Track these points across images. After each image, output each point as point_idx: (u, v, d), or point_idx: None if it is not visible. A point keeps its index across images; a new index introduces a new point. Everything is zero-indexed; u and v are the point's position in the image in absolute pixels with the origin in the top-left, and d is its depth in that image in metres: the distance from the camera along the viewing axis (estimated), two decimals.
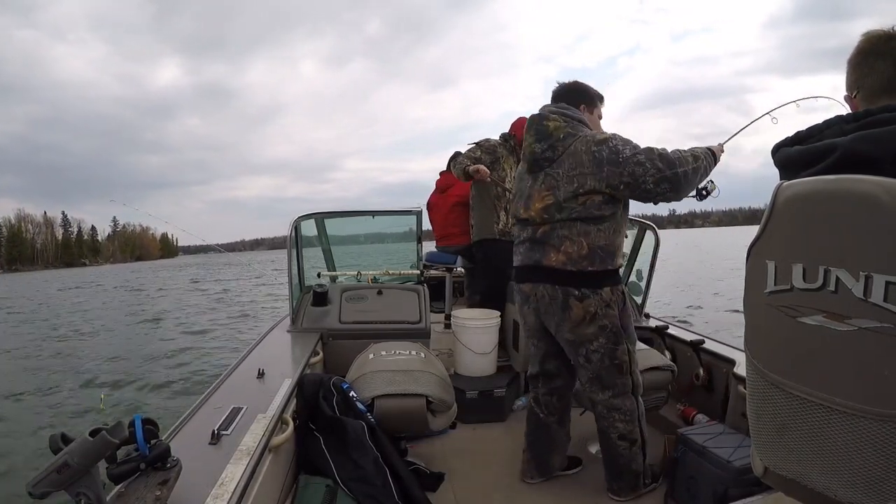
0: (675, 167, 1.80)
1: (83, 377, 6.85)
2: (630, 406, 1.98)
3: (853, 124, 0.88)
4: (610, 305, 1.89)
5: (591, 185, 1.83)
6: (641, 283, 3.36)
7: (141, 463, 1.15)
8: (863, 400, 0.80)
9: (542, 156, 1.93)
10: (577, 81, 2.07)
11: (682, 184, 1.84)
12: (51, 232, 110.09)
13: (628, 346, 1.95)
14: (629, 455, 2.00)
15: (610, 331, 1.90)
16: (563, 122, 1.92)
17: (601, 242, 1.86)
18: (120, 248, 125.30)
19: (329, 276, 3.61)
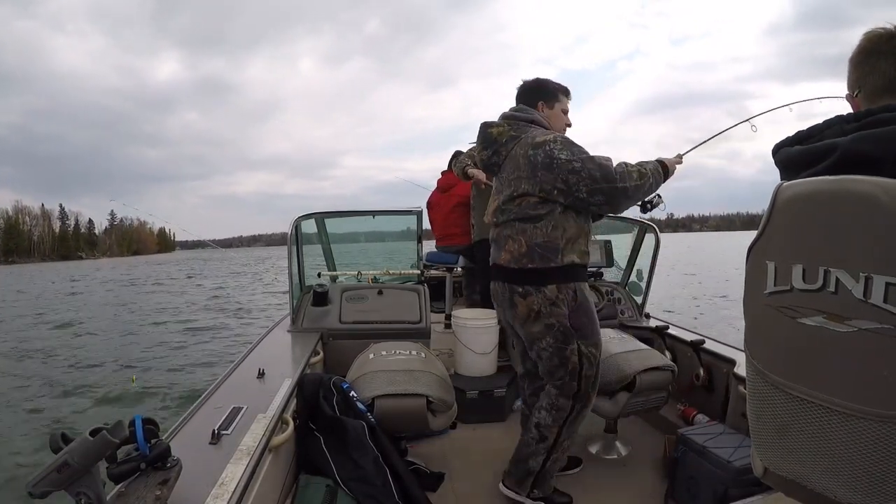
0: (612, 181, 1.78)
1: (82, 376, 6.85)
2: (563, 405, 1.93)
3: (854, 124, 0.88)
4: (556, 304, 1.86)
5: (524, 189, 1.86)
6: (642, 284, 3.37)
7: (141, 462, 1.15)
8: (863, 401, 0.80)
9: (490, 161, 2.00)
10: (537, 79, 2.07)
11: (619, 199, 1.82)
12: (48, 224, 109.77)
13: (581, 347, 1.89)
14: (533, 448, 1.96)
15: (557, 329, 1.88)
16: (508, 126, 1.96)
17: (539, 240, 1.85)
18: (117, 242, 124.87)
19: (329, 275, 3.61)
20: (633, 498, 2.08)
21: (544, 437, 1.95)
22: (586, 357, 1.91)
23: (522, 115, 1.99)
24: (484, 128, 2.01)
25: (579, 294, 1.88)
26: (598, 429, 2.51)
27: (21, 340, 9.85)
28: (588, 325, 1.91)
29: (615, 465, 2.36)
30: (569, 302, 1.86)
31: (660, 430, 2.57)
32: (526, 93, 2.06)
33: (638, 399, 2.24)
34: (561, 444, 1.97)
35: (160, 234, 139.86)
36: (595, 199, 1.81)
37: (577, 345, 1.89)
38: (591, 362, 1.92)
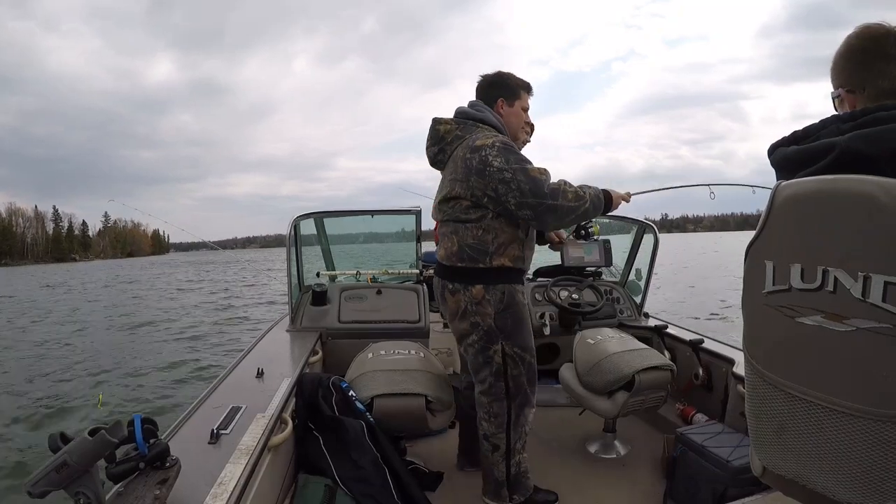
0: (542, 197, 1.76)
1: (81, 376, 6.85)
2: (498, 410, 1.93)
3: (849, 123, 0.88)
4: (481, 304, 1.87)
5: (457, 192, 1.87)
6: (640, 283, 3.37)
7: (140, 462, 1.15)
8: (861, 400, 0.80)
9: (436, 159, 2.01)
10: (498, 73, 2.02)
11: (546, 216, 1.79)
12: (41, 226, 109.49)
13: (505, 349, 1.89)
14: (491, 459, 1.96)
15: (482, 328, 1.89)
16: (455, 125, 1.94)
17: (469, 241, 1.87)
18: (111, 243, 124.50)
19: (328, 275, 3.61)
20: (632, 497, 2.08)
21: (496, 446, 1.95)
22: (511, 358, 1.90)
23: (473, 113, 1.96)
24: (434, 123, 1.99)
25: (507, 296, 1.88)
26: (596, 428, 2.51)
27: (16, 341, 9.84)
28: (515, 327, 1.91)
29: (614, 464, 2.36)
30: (495, 303, 1.87)
31: (659, 429, 2.57)
32: (486, 87, 2.01)
33: (637, 398, 2.24)
34: (515, 447, 1.95)
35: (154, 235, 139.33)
36: (522, 213, 1.80)
37: (500, 345, 1.89)
38: (518, 363, 1.91)
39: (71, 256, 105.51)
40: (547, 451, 2.47)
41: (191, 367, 7.21)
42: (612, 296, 3.25)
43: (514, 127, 1.98)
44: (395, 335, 2.70)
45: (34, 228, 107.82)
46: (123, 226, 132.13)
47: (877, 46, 0.96)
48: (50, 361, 7.89)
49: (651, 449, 2.38)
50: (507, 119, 1.97)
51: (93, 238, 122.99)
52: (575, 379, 2.41)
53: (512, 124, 1.98)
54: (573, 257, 3.28)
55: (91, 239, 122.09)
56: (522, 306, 1.93)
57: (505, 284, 1.88)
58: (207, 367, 6.99)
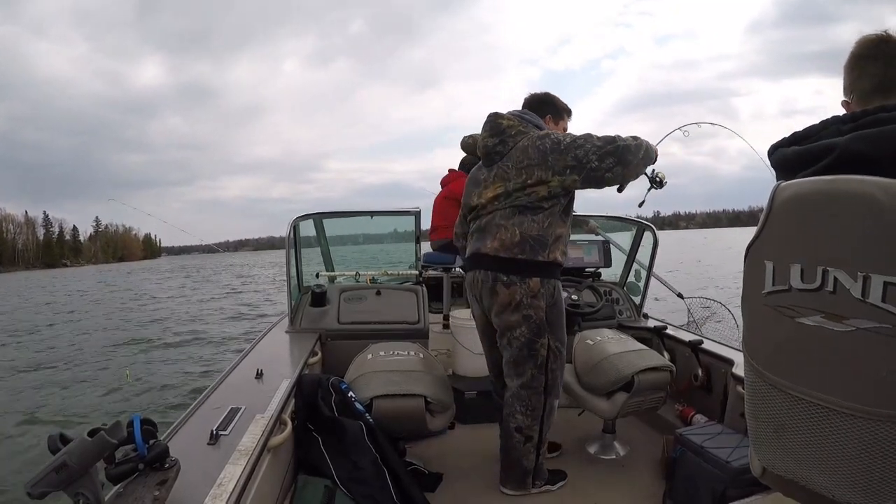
0: (614, 142, 1.87)
1: (81, 376, 6.84)
2: (536, 403, 2.01)
3: (850, 124, 0.88)
4: (536, 297, 1.94)
5: (538, 176, 1.92)
6: (640, 284, 3.37)
7: (139, 463, 1.15)
8: (861, 400, 0.80)
9: (494, 149, 2.04)
10: (548, 93, 2.17)
11: (627, 156, 1.88)
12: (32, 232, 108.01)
13: (550, 342, 1.98)
14: (522, 450, 2.04)
15: (533, 321, 1.95)
16: (518, 121, 2.03)
17: (533, 233, 1.93)
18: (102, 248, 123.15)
19: (327, 276, 3.61)
20: (632, 498, 2.08)
21: (530, 437, 2.03)
22: (553, 352, 2.00)
23: (532, 119, 2.06)
24: (495, 117, 2.06)
25: (557, 291, 1.98)
26: (596, 429, 2.51)
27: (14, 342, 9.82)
28: (559, 323, 2.01)
29: (613, 465, 2.36)
30: (547, 297, 1.95)
31: (658, 430, 2.57)
32: (536, 103, 2.15)
33: (636, 399, 2.24)
34: (545, 437, 2.06)
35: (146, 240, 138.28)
36: (606, 163, 1.87)
37: (547, 339, 1.97)
38: (557, 357, 2.01)
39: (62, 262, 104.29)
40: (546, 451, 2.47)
41: (190, 367, 7.20)
42: (611, 296, 3.25)
43: None
44: (394, 336, 2.70)
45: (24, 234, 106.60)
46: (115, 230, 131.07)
47: (860, 50, 1.00)
48: (47, 362, 7.88)
49: (650, 450, 2.38)
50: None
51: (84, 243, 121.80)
52: (574, 380, 2.41)
53: None
54: (572, 258, 3.28)
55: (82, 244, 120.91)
56: (563, 301, 2.05)
57: (555, 280, 1.99)
58: (207, 368, 6.99)
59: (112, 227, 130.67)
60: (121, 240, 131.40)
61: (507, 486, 2.09)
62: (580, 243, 3.34)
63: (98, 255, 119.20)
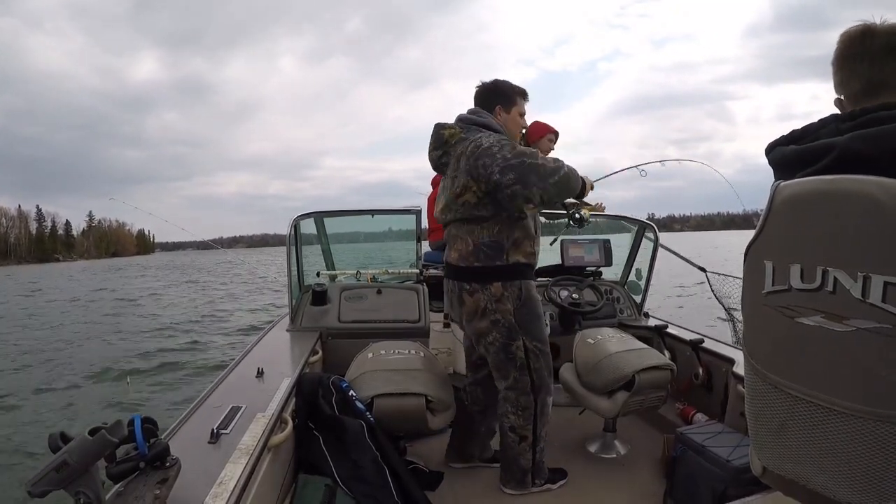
0: (522, 156, 1.81)
1: (81, 375, 6.85)
2: (526, 402, 2.02)
3: (849, 123, 0.88)
4: (501, 300, 1.94)
5: (461, 182, 1.92)
6: (641, 283, 3.37)
7: (140, 462, 1.15)
8: (861, 400, 0.80)
9: (440, 161, 2.06)
10: (494, 81, 2.07)
11: (530, 177, 1.80)
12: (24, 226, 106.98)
13: (526, 343, 1.98)
14: (517, 449, 2.05)
15: (502, 325, 1.96)
16: (460, 128, 2.00)
17: (485, 240, 1.94)
18: (95, 243, 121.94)
19: (328, 275, 3.61)
20: (632, 497, 2.08)
21: (524, 436, 2.04)
22: (532, 352, 1.99)
23: (476, 118, 2.01)
24: (437, 129, 2.05)
25: (524, 291, 1.96)
26: (596, 428, 2.51)
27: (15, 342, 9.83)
28: (533, 322, 1.99)
29: (614, 464, 2.36)
30: (513, 299, 1.95)
31: (659, 429, 2.57)
32: (483, 95, 2.06)
33: (637, 398, 2.24)
34: (541, 435, 2.06)
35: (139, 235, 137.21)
36: (507, 178, 1.80)
37: (521, 340, 1.97)
38: (538, 356, 2.01)
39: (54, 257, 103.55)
40: (547, 451, 2.47)
41: (191, 366, 7.21)
42: (612, 295, 3.25)
43: (513, 132, 2.04)
44: (395, 335, 2.70)
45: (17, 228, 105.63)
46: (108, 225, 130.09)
47: (847, 48, 0.96)
48: (46, 360, 7.90)
49: (651, 449, 2.38)
50: (505, 125, 2.02)
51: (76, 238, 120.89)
52: (575, 378, 2.41)
53: (510, 129, 2.03)
54: (573, 257, 3.28)
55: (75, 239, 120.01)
56: (537, 301, 2.01)
57: (521, 280, 1.96)
58: (207, 367, 6.99)
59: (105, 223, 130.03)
60: (114, 235, 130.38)
61: (507, 486, 2.10)
62: (581, 242, 3.34)
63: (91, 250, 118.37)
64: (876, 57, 0.92)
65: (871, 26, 0.93)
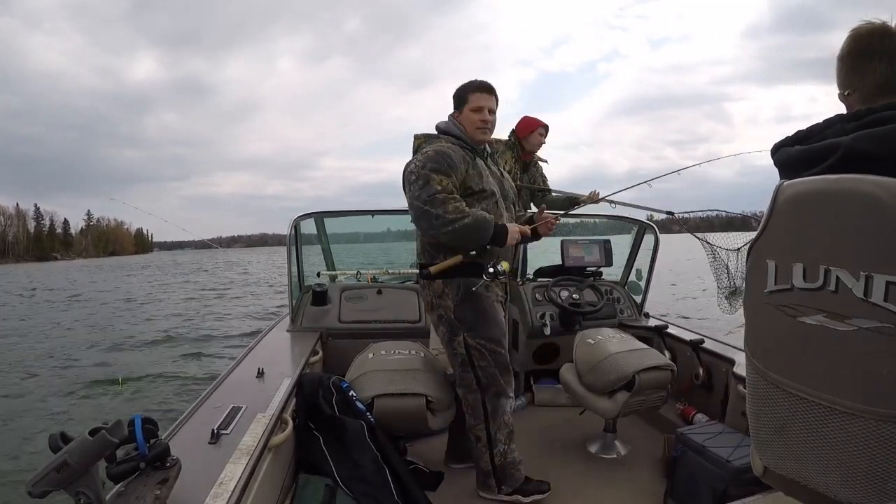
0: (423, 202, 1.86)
1: (81, 375, 6.84)
2: (473, 401, 2.03)
3: (854, 123, 0.87)
4: (442, 297, 2.00)
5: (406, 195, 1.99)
6: (641, 283, 3.37)
7: (140, 462, 1.15)
8: (863, 400, 0.80)
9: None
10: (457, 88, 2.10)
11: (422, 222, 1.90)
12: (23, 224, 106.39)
13: (467, 339, 1.99)
14: (476, 450, 2.05)
15: (445, 320, 2.02)
16: (425, 138, 2.07)
17: (428, 239, 2.02)
18: (93, 242, 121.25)
19: (328, 275, 3.61)
20: (633, 497, 2.08)
21: (478, 437, 2.04)
22: (475, 349, 1.99)
23: (443, 125, 2.08)
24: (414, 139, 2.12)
25: (463, 288, 1.97)
26: (597, 428, 2.51)
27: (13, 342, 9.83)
28: (477, 319, 1.99)
29: (614, 464, 2.36)
30: (453, 295, 1.98)
31: (659, 429, 2.57)
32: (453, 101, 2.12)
33: (637, 398, 2.24)
34: (496, 438, 2.02)
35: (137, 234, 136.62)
36: (411, 214, 1.94)
37: (462, 336, 1.99)
38: (484, 354, 2.00)
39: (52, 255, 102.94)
40: (547, 451, 2.47)
41: (191, 366, 7.21)
42: (612, 296, 3.25)
43: (469, 130, 2.04)
44: (395, 335, 2.70)
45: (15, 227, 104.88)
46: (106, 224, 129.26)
47: (865, 45, 0.95)
48: (45, 359, 7.89)
49: (651, 449, 2.38)
50: (463, 126, 2.04)
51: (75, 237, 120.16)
52: (575, 379, 2.41)
53: (467, 129, 2.04)
54: (573, 257, 3.28)
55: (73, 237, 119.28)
56: (484, 298, 2.00)
57: (462, 278, 1.97)
58: (208, 367, 6.99)
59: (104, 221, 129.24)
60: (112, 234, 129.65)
61: (479, 489, 2.09)
62: (581, 243, 3.34)
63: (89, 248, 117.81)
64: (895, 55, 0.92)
65: (885, 26, 0.93)
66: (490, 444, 2.02)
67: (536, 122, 3.22)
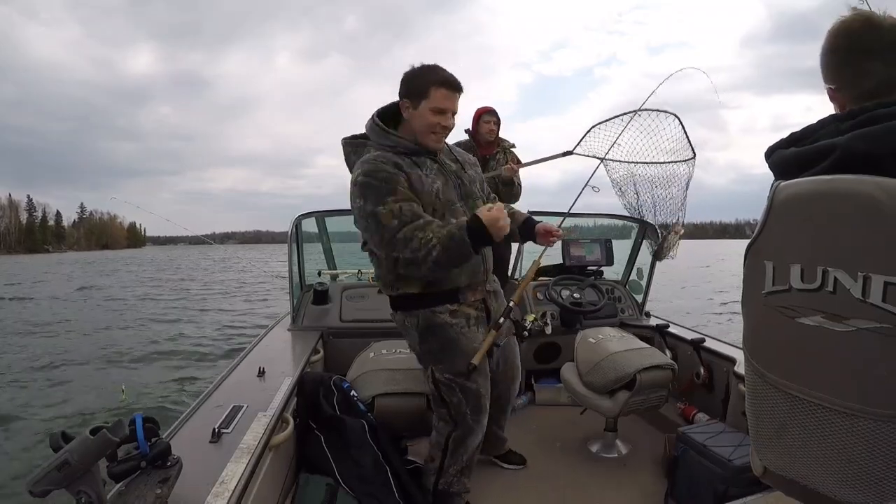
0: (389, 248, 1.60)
1: (80, 376, 6.86)
2: (441, 428, 1.87)
3: (848, 122, 0.86)
4: (406, 328, 1.81)
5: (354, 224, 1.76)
6: (642, 282, 3.37)
7: (141, 461, 1.15)
8: (861, 400, 0.80)
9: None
10: (415, 68, 1.70)
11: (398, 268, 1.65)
12: (15, 216, 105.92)
13: (435, 374, 1.79)
14: (426, 467, 1.94)
15: (415, 352, 1.86)
16: (351, 148, 1.77)
17: (377, 271, 1.83)
18: (85, 235, 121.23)
19: (329, 274, 3.61)
20: (634, 496, 2.08)
21: (433, 457, 1.91)
22: (444, 384, 1.79)
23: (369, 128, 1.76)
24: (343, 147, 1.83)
25: (422, 321, 1.75)
26: (598, 428, 2.51)
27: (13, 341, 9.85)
28: (442, 352, 1.77)
29: (615, 463, 2.36)
30: (415, 327, 1.78)
31: (660, 428, 2.57)
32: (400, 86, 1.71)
33: (638, 398, 2.24)
34: (447, 470, 1.89)
35: (130, 228, 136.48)
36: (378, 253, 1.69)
37: (430, 371, 1.81)
38: (454, 390, 1.78)
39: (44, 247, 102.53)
40: (548, 451, 2.48)
41: (192, 366, 7.22)
42: (613, 295, 3.25)
43: (419, 131, 1.69)
44: (396, 334, 2.70)
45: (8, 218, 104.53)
46: (99, 217, 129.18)
47: (852, 42, 0.91)
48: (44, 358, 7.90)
49: (652, 448, 2.38)
50: (412, 124, 1.70)
51: (67, 229, 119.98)
52: (576, 378, 2.41)
53: (415, 129, 1.69)
54: (574, 256, 3.28)
55: (65, 230, 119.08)
56: (449, 328, 1.74)
57: (421, 311, 1.75)
58: (209, 367, 7.00)
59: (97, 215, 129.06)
60: (105, 227, 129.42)
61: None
62: (582, 242, 3.34)
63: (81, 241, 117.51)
64: (887, 52, 0.88)
65: (875, 20, 0.89)
66: (440, 471, 1.89)
67: (481, 109, 3.19)
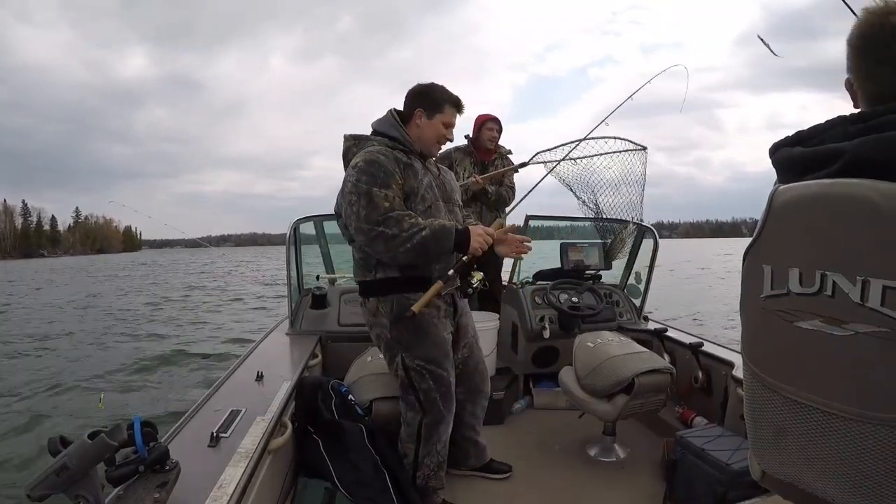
0: (373, 224, 1.70)
1: (80, 378, 6.83)
2: (411, 419, 1.92)
3: (858, 125, 0.83)
4: (377, 315, 1.88)
5: (336, 207, 1.88)
6: (640, 286, 3.37)
7: (140, 465, 1.15)
8: (860, 404, 0.80)
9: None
10: (429, 84, 1.92)
11: (377, 244, 1.72)
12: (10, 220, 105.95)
13: (405, 361, 1.86)
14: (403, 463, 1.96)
15: (382, 340, 1.91)
16: (354, 141, 1.90)
17: (357, 255, 1.91)
18: (80, 239, 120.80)
19: (328, 278, 3.61)
20: (632, 500, 2.08)
21: (406, 454, 1.96)
22: (415, 371, 1.86)
23: (379, 127, 1.92)
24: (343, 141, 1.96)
25: (397, 306, 1.83)
26: (596, 431, 2.51)
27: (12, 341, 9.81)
28: (414, 339, 1.85)
29: (614, 467, 2.36)
30: (387, 314, 1.85)
31: (658, 432, 2.57)
32: (409, 97, 1.93)
33: (636, 401, 2.24)
34: (423, 462, 1.93)
35: (126, 232, 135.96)
36: (358, 239, 1.79)
37: (401, 357, 1.87)
38: (425, 377, 1.86)
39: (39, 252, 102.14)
40: (546, 454, 2.47)
41: (191, 369, 7.19)
42: (611, 299, 3.25)
43: (427, 140, 1.90)
44: None
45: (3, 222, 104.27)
46: (95, 221, 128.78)
47: (867, 43, 0.88)
48: (41, 363, 7.87)
49: (651, 452, 2.38)
50: (422, 131, 1.89)
51: (62, 233, 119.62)
52: (574, 382, 2.41)
53: (425, 137, 1.89)
54: (572, 260, 3.29)
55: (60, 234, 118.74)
56: (421, 315, 1.81)
57: (396, 295, 1.84)
58: (207, 370, 6.98)
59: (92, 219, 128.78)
60: (100, 231, 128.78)
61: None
62: (580, 246, 3.35)
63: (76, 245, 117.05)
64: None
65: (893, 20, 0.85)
66: (415, 466, 1.94)
67: (483, 117, 3.29)
